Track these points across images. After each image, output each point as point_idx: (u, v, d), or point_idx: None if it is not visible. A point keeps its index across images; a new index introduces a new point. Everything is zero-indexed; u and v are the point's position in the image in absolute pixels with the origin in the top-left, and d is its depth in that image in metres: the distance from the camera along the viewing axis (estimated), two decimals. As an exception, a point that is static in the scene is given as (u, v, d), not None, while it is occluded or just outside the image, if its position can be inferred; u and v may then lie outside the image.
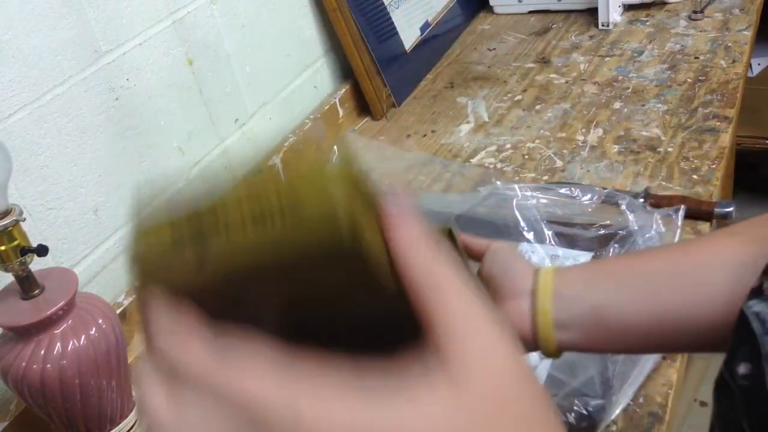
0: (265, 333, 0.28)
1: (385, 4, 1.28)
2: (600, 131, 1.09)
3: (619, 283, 0.50)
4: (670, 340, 0.51)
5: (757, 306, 0.38)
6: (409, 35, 1.33)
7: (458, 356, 0.26)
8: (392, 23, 1.29)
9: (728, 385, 0.39)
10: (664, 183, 0.95)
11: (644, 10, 1.41)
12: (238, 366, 0.26)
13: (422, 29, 1.37)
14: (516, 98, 1.22)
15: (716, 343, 0.50)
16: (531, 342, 0.51)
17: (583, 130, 1.10)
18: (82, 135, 0.83)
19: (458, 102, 1.25)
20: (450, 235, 0.59)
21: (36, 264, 0.62)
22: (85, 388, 0.62)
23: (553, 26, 1.44)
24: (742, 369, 0.38)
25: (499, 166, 1.06)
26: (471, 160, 1.09)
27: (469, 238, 0.59)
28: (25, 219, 0.61)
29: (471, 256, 0.59)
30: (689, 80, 1.17)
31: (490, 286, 0.54)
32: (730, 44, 1.25)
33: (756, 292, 0.39)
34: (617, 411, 0.66)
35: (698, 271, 0.49)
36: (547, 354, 0.52)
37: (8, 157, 0.60)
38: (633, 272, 0.51)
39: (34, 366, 0.60)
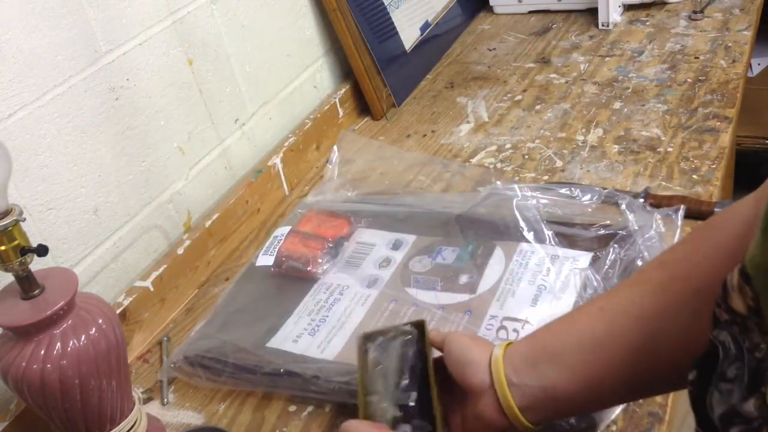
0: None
1: (385, 4, 1.28)
2: (600, 131, 1.09)
3: (558, 362, 0.55)
4: (621, 398, 0.58)
5: (721, 335, 0.40)
6: (409, 35, 1.33)
7: None
8: (392, 23, 1.29)
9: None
10: (664, 183, 0.95)
11: (644, 10, 1.41)
12: None
13: (422, 29, 1.37)
14: (516, 98, 1.22)
15: (661, 388, 0.58)
16: (513, 428, 0.57)
17: (583, 130, 1.10)
18: (82, 135, 0.83)
19: (458, 102, 1.25)
20: (421, 329, 0.65)
21: (36, 264, 0.62)
22: (85, 388, 0.62)
23: (553, 26, 1.44)
24: (691, 375, 0.42)
25: (499, 166, 1.06)
26: (471, 160, 1.09)
27: (431, 331, 0.64)
28: (25, 219, 0.61)
29: (435, 346, 0.63)
30: (689, 80, 1.17)
31: (455, 381, 0.59)
32: (730, 44, 1.25)
33: (714, 321, 0.41)
34: (617, 411, 0.66)
35: (611, 336, 0.53)
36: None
37: (8, 157, 0.60)
38: (566, 348, 0.55)
39: (34, 366, 0.60)
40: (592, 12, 1.41)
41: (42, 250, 0.61)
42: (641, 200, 0.88)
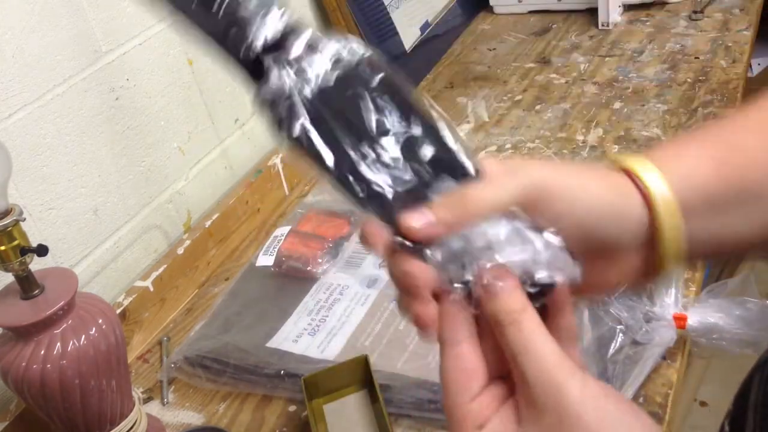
0: None
1: (385, 4, 1.28)
2: (600, 131, 1.09)
3: (759, 208, 0.38)
4: None
5: None
6: (409, 35, 1.33)
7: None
8: (392, 23, 1.29)
9: None
10: (664, 183, 0.95)
11: (644, 10, 1.41)
12: None
13: (422, 29, 1.37)
14: (516, 98, 1.22)
15: None
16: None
17: (583, 130, 1.10)
18: (82, 135, 0.83)
19: (458, 102, 1.25)
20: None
21: (36, 264, 0.62)
22: (85, 388, 0.62)
23: (553, 26, 1.44)
24: None
25: (499, 166, 1.06)
26: (471, 160, 1.09)
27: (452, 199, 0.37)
28: (25, 219, 0.61)
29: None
30: (689, 80, 1.17)
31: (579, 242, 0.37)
32: (730, 44, 1.25)
33: None
34: (617, 411, 0.66)
35: None
36: None
37: (8, 157, 0.60)
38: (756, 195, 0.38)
39: (34, 366, 0.60)
40: (592, 12, 1.41)
41: (42, 250, 0.61)
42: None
